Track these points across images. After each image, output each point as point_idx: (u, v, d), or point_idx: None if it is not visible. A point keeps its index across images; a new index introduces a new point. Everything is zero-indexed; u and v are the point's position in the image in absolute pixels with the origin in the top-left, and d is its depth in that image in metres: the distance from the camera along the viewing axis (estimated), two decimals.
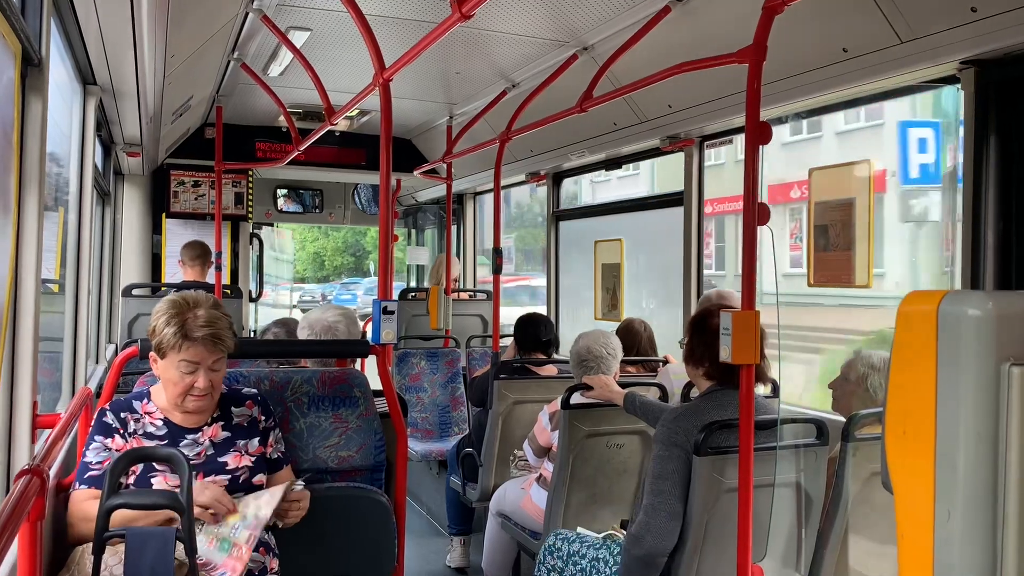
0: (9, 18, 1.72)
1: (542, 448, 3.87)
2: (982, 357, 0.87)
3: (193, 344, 2.33)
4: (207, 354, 2.35)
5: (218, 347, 2.37)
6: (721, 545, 2.68)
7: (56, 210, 3.54)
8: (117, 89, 3.67)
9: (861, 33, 2.98)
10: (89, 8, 2.57)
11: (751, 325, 2.46)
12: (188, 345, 2.33)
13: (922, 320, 0.90)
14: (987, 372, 0.86)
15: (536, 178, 6.29)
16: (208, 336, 2.34)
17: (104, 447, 2.36)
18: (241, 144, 6.92)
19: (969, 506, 0.87)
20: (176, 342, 2.32)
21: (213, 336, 2.35)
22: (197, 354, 2.34)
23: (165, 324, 2.35)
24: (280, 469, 2.57)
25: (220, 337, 2.37)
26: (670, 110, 4.26)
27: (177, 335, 2.32)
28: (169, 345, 2.34)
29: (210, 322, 2.36)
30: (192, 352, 2.34)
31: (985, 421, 0.86)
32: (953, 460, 0.88)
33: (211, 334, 2.35)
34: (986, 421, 0.86)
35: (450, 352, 6.21)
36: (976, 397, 0.87)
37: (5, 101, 1.78)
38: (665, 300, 5.58)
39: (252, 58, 4.93)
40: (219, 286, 6.02)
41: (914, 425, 0.92)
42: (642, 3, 3.58)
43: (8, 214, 1.89)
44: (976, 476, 0.87)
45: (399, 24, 4.10)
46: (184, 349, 2.33)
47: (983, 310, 0.87)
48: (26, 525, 1.72)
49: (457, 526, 5.04)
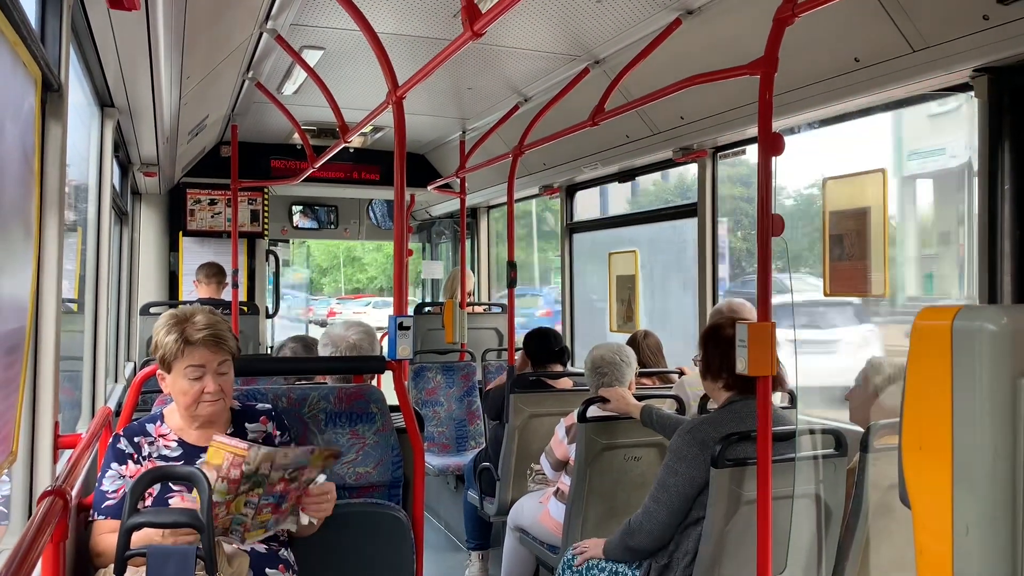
0: (29, 46, 1.75)
1: (559, 462, 3.87)
2: (998, 372, 0.86)
3: (195, 347, 2.36)
4: (211, 356, 2.37)
5: (221, 348, 2.39)
6: (741, 558, 2.67)
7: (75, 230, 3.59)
8: (134, 110, 3.72)
9: (873, 42, 2.97)
10: (107, 32, 2.61)
11: (767, 337, 2.45)
12: (191, 350, 2.36)
13: (937, 335, 0.90)
14: (1003, 387, 0.86)
15: (549, 191, 6.31)
16: (209, 337, 2.37)
17: (119, 475, 2.38)
18: (256, 162, 6.97)
19: (987, 520, 0.87)
20: (178, 348, 2.35)
21: (214, 336, 2.38)
22: (201, 357, 2.36)
23: (165, 335, 2.38)
24: None
25: (221, 337, 2.39)
26: (682, 122, 4.26)
27: (178, 341, 2.35)
28: (172, 354, 2.36)
29: (209, 325, 2.39)
30: (196, 356, 2.36)
31: (1002, 436, 0.86)
32: (970, 475, 0.88)
33: (212, 335, 2.37)
34: (1003, 436, 0.86)
35: (466, 366, 6.22)
36: (992, 412, 0.87)
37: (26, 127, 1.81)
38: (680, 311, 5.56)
39: (266, 77, 4.97)
40: (235, 303, 6.06)
41: (930, 440, 0.91)
42: (653, 16, 3.59)
43: (30, 237, 1.92)
44: (994, 491, 0.87)
45: (411, 42, 4.13)
46: (187, 354, 2.36)
47: (998, 325, 0.87)
48: (50, 546, 1.74)
49: (475, 541, 5.03)
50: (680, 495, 2.77)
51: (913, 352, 0.94)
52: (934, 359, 0.91)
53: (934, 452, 0.91)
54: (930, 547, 0.91)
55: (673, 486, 2.78)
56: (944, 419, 0.90)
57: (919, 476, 0.93)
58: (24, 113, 1.79)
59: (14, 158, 1.69)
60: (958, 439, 0.89)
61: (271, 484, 2.19)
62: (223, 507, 2.13)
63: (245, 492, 2.15)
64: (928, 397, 0.92)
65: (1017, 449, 0.86)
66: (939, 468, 0.90)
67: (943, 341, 0.90)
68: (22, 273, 1.85)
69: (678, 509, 2.79)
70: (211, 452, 2.12)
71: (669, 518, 2.81)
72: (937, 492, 0.90)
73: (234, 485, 2.11)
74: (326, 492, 2.37)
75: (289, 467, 2.20)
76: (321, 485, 2.36)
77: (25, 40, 1.71)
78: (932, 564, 0.90)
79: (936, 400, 0.90)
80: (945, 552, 0.89)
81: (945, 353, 0.90)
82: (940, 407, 0.90)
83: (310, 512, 2.38)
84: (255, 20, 3.82)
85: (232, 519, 2.18)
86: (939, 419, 0.90)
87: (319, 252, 33.11)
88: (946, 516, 0.89)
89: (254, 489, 2.16)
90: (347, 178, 7.36)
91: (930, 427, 0.91)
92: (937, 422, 0.90)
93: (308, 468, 2.26)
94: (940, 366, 0.90)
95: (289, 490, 2.25)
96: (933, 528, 0.91)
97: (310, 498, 2.34)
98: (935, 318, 0.92)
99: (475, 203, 7.77)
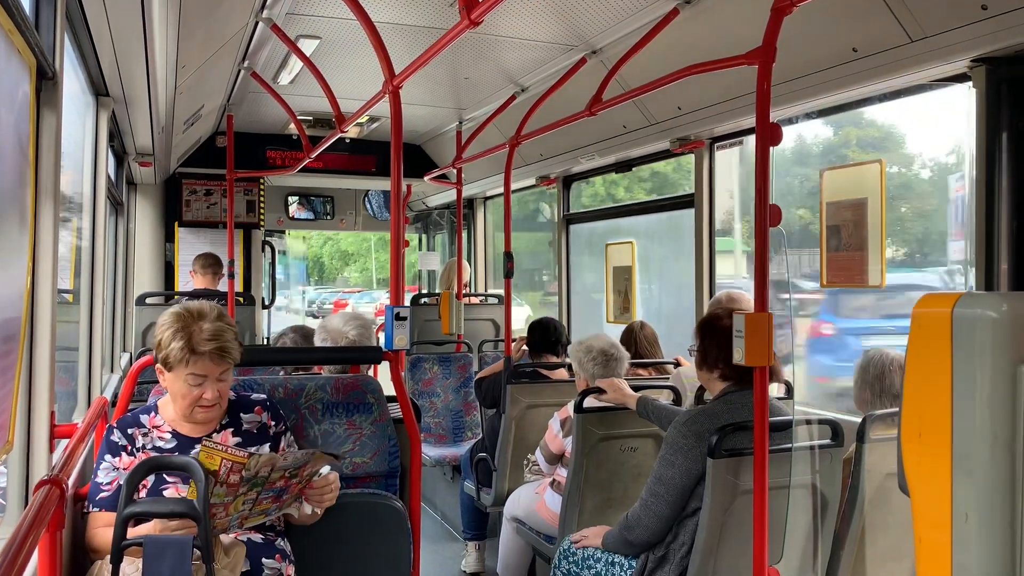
0: (24, 33, 1.74)
1: (554, 456, 3.87)
2: (998, 359, 0.86)
3: (200, 358, 2.33)
4: (214, 367, 2.36)
5: (225, 359, 2.37)
6: (737, 547, 2.68)
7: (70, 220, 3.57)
8: (129, 100, 3.70)
9: (871, 33, 2.97)
10: (102, 21, 2.59)
11: (764, 327, 2.45)
12: (195, 359, 2.33)
13: (937, 323, 0.90)
14: (1003, 374, 0.86)
15: (546, 181, 6.30)
16: (215, 350, 2.34)
17: (112, 467, 2.37)
18: (252, 152, 6.96)
19: (986, 508, 0.87)
20: (183, 356, 2.33)
21: (220, 350, 2.35)
22: (204, 368, 2.34)
23: (171, 338, 2.34)
24: None
25: (226, 350, 2.36)
26: (680, 112, 4.26)
27: (184, 350, 2.32)
28: (176, 360, 2.34)
29: (216, 335, 2.35)
30: (199, 366, 2.34)
31: (1002, 423, 0.86)
32: (969, 462, 0.88)
33: (217, 348, 2.34)
34: (1003, 423, 0.86)
35: (462, 357, 6.22)
36: (992, 399, 0.87)
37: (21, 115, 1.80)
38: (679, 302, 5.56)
39: (262, 67, 4.95)
40: (232, 294, 6.05)
41: (930, 427, 0.91)
42: (650, 6, 3.58)
43: (25, 227, 1.91)
44: (993, 478, 0.87)
45: (408, 31, 4.11)
46: (191, 363, 2.33)
47: (998, 312, 0.87)
48: (46, 535, 1.73)
49: (472, 531, 5.04)
50: (678, 488, 2.77)
51: (913, 339, 0.93)
52: (934, 346, 0.91)
53: (934, 440, 0.91)
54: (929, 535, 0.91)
55: (670, 479, 2.78)
56: (944, 406, 0.90)
57: (918, 464, 0.93)
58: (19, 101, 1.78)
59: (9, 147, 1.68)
60: (958, 426, 0.89)
61: (271, 482, 2.19)
62: (221, 508, 2.13)
63: (244, 493, 2.15)
64: (928, 385, 0.92)
65: (1016, 436, 0.86)
66: (939, 456, 0.90)
67: (943, 329, 0.90)
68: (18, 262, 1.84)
69: (676, 502, 2.79)
70: (204, 454, 2.07)
71: (667, 511, 2.81)
72: (936, 480, 0.90)
73: (233, 488, 2.12)
74: (330, 483, 2.38)
75: (289, 468, 2.21)
76: (325, 476, 2.37)
77: (20, 28, 1.70)
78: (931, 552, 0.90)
79: (936, 388, 0.90)
80: (944, 540, 0.89)
81: (945, 340, 0.90)
82: (940, 394, 0.90)
83: (313, 502, 2.39)
84: (251, 9, 3.80)
85: (231, 519, 2.18)
86: (939, 406, 0.90)
87: (343, 235, 30.87)
88: (945, 504, 0.89)
89: (253, 489, 2.17)
90: (343, 168, 7.35)
91: (930, 415, 0.91)
92: (937, 409, 0.90)
93: (309, 464, 2.27)
94: (940, 354, 0.90)
95: (290, 484, 2.25)
96: (932, 516, 0.91)
97: (314, 489, 2.35)
98: (935, 305, 0.91)
99: (472, 194, 7.76)
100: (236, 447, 2.19)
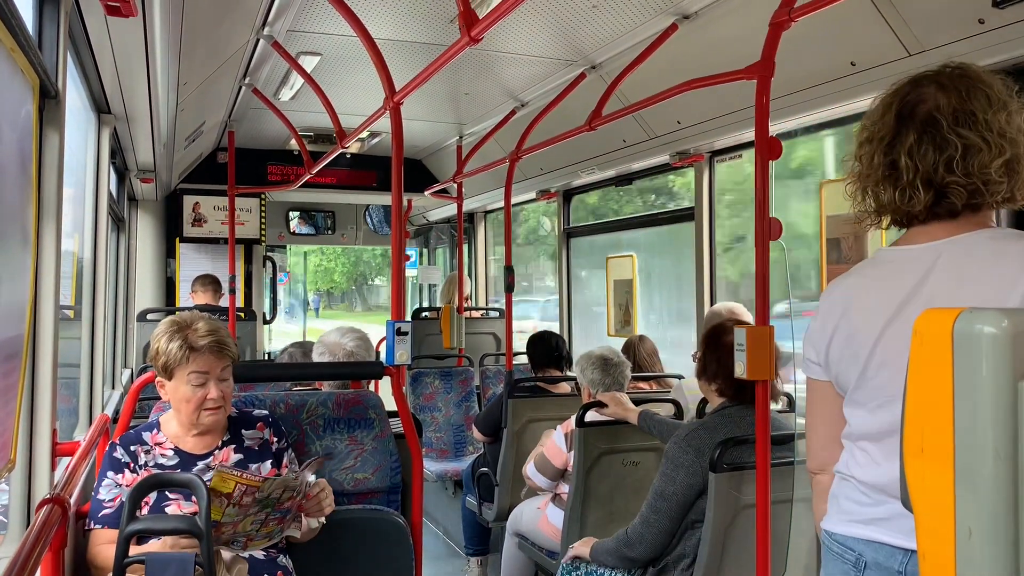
0: (27, 52, 1.75)
1: (558, 471, 3.85)
2: (999, 375, 0.86)
3: (200, 354, 2.36)
4: (215, 362, 2.38)
5: (224, 353, 2.40)
6: (740, 562, 2.67)
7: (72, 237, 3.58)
8: (131, 117, 3.72)
9: (869, 46, 2.98)
10: (104, 39, 2.61)
11: (766, 341, 2.45)
12: (195, 356, 2.35)
13: (937, 338, 0.90)
14: (1004, 390, 0.86)
15: (546, 196, 6.32)
16: (213, 343, 2.37)
17: (115, 484, 2.37)
18: (253, 168, 6.98)
19: (990, 524, 0.87)
20: (183, 355, 2.35)
21: (218, 343, 2.38)
22: (205, 363, 2.36)
23: (168, 341, 2.37)
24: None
25: (224, 343, 2.40)
26: (679, 126, 4.27)
27: (183, 348, 2.35)
28: (176, 361, 2.35)
29: (212, 331, 2.39)
30: (200, 362, 2.36)
31: (1003, 439, 0.86)
32: (972, 478, 0.88)
33: (215, 341, 2.38)
34: (1004, 439, 0.86)
35: (464, 371, 6.21)
36: (994, 415, 0.87)
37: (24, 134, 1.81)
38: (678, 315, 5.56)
39: (263, 83, 4.98)
40: (233, 309, 6.06)
41: (932, 443, 0.91)
42: (649, 21, 3.60)
43: (27, 245, 1.91)
44: (996, 494, 0.86)
45: (408, 48, 4.14)
46: (192, 361, 2.35)
47: (999, 328, 0.87)
48: (49, 554, 1.73)
49: (474, 546, 5.02)
50: (679, 503, 2.77)
51: (914, 354, 0.94)
52: (935, 362, 0.91)
53: (936, 455, 0.91)
54: (932, 551, 0.91)
55: (672, 495, 2.77)
56: (946, 422, 0.90)
57: (921, 480, 0.93)
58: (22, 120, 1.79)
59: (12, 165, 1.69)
60: (960, 442, 0.89)
61: (280, 503, 2.21)
62: (230, 526, 2.14)
63: (254, 514, 2.16)
64: (929, 400, 0.92)
65: (1019, 451, 0.86)
66: (941, 472, 0.90)
67: (944, 344, 0.90)
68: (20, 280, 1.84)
69: (677, 516, 2.78)
70: (218, 478, 2.09)
71: (670, 525, 2.80)
72: (939, 495, 0.90)
73: (244, 509, 2.13)
74: (322, 489, 2.39)
75: (299, 488, 2.22)
76: (314, 484, 2.38)
77: (23, 47, 1.71)
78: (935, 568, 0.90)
79: (937, 403, 0.90)
80: (948, 556, 0.89)
81: (946, 356, 0.90)
82: (941, 410, 0.90)
83: (314, 514, 2.39)
84: (252, 26, 3.82)
85: (236, 534, 2.19)
86: (941, 422, 0.90)
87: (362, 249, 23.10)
88: (948, 520, 0.89)
89: (264, 509, 2.18)
90: (344, 184, 7.37)
91: (932, 430, 0.91)
92: (939, 425, 0.90)
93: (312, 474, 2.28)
94: (941, 369, 0.90)
95: (296, 503, 2.27)
96: (936, 532, 0.90)
97: (311, 501, 2.35)
98: (935, 321, 0.92)
99: (472, 208, 7.77)
100: (249, 473, 2.20)
